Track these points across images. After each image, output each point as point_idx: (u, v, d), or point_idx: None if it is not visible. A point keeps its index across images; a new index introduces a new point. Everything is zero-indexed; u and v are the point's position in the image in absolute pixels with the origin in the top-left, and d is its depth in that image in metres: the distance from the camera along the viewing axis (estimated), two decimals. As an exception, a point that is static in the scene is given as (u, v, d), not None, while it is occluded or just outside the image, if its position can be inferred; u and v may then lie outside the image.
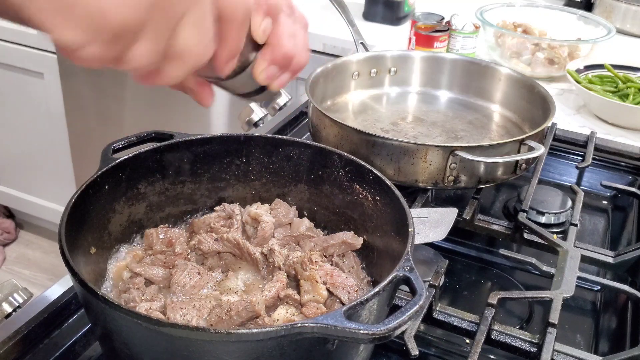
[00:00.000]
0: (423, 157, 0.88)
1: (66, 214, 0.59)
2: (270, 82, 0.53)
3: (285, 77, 0.54)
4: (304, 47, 0.54)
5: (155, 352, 0.53)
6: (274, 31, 0.50)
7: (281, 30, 0.51)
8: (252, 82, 0.53)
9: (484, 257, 0.94)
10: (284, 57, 0.52)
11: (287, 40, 0.51)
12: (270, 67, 0.51)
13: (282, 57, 0.51)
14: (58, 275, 0.83)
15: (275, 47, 0.51)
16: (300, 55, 0.53)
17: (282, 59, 0.52)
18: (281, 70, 0.53)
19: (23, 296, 0.71)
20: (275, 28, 0.50)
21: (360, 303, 0.51)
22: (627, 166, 1.15)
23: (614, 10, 1.80)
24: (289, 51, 0.52)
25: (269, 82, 0.53)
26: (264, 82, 0.52)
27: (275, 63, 0.52)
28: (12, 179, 2.50)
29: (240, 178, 0.78)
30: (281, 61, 0.52)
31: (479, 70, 1.19)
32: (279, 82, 0.54)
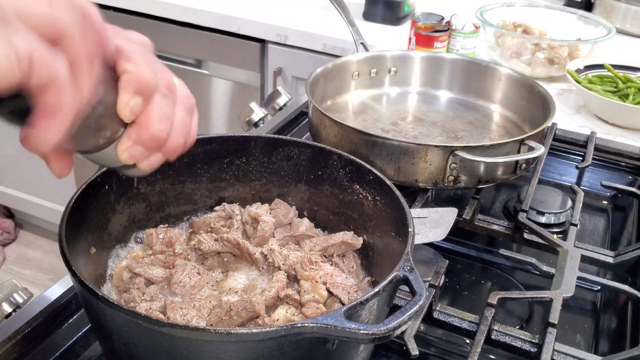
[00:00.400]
0: (423, 157, 0.88)
1: (66, 214, 0.59)
2: (136, 161, 0.50)
3: (157, 158, 0.51)
4: (181, 131, 0.51)
5: (155, 352, 0.53)
6: (145, 111, 0.48)
7: (152, 111, 0.48)
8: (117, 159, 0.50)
9: (484, 257, 0.94)
10: (151, 139, 0.49)
11: (157, 122, 0.48)
12: (134, 147, 0.48)
13: (149, 138, 0.48)
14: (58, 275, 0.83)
15: (143, 127, 0.48)
16: (175, 138, 0.50)
17: (149, 140, 0.49)
18: (149, 151, 0.50)
19: (23, 296, 0.71)
20: (146, 108, 0.48)
21: (360, 303, 0.51)
22: (627, 166, 1.15)
23: (614, 10, 1.80)
24: (158, 134, 0.48)
25: (133, 161, 0.50)
26: (127, 161, 0.49)
27: (141, 144, 0.49)
28: (12, 179, 2.50)
29: (240, 178, 0.78)
30: (148, 143, 0.49)
31: (479, 70, 1.19)
32: (148, 163, 0.51)
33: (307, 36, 1.70)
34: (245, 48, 1.82)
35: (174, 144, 0.51)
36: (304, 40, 1.71)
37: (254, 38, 1.78)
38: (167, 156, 0.52)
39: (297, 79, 1.79)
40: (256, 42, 1.79)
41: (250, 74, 1.85)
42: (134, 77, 0.46)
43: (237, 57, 1.85)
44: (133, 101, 0.46)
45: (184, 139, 0.52)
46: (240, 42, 1.82)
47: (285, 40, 1.73)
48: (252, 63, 1.83)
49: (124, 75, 0.46)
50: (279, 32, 1.73)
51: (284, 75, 1.80)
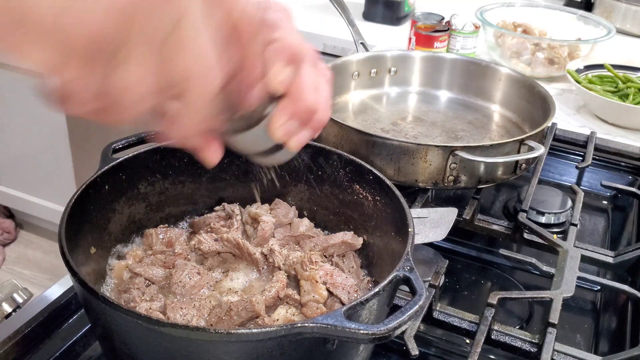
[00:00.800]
0: (423, 157, 0.88)
1: (66, 214, 0.59)
2: (288, 139, 0.46)
3: (305, 135, 0.47)
4: (327, 103, 0.47)
5: (155, 352, 0.53)
6: (296, 82, 0.44)
7: (304, 81, 0.45)
8: (267, 139, 0.46)
9: (484, 257, 0.94)
10: (305, 112, 0.45)
11: (310, 92, 0.45)
12: (289, 122, 0.45)
13: (304, 111, 0.45)
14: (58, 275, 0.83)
15: (297, 99, 0.45)
16: (322, 111, 0.47)
17: (303, 113, 0.45)
18: (301, 126, 0.46)
19: (23, 296, 0.71)
20: (297, 78, 0.45)
21: (360, 303, 0.51)
22: (627, 166, 1.15)
23: (614, 10, 1.80)
24: (311, 105, 0.45)
25: (286, 139, 0.46)
26: (280, 138, 0.46)
27: (296, 117, 0.45)
28: (12, 179, 2.50)
29: (240, 178, 0.78)
30: (302, 116, 0.45)
31: (479, 70, 1.19)
32: (297, 140, 0.47)
33: (307, 36, 1.70)
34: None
35: (322, 117, 0.47)
36: (304, 40, 1.71)
37: (254, 38, 1.78)
38: (314, 132, 0.48)
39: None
40: (256, 42, 1.79)
41: (250, 74, 1.84)
42: (284, 45, 0.43)
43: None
44: (286, 72, 0.44)
45: (329, 112, 0.48)
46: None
47: (285, 40, 1.73)
48: (252, 63, 1.82)
49: (273, 44, 0.43)
50: (279, 32, 1.73)
51: (284, 75, 1.79)
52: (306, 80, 0.45)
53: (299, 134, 0.47)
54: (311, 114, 0.46)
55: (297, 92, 0.45)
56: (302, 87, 0.45)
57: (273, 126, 0.45)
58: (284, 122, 0.45)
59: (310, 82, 0.45)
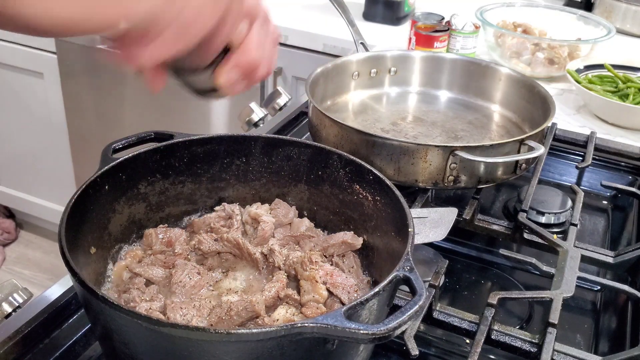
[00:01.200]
0: (423, 157, 0.88)
1: (66, 214, 0.59)
2: (228, 85, 0.52)
3: (242, 85, 0.53)
4: (268, 61, 0.53)
5: (155, 352, 0.53)
6: (246, 38, 0.49)
7: (253, 38, 0.50)
8: (208, 81, 0.51)
9: (484, 257, 0.94)
10: (248, 65, 0.51)
11: (255, 49, 0.50)
12: (232, 72, 0.50)
13: (247, 65, 0.50)
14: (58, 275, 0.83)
15: (244, 53, 0.50)
16: (263, 67, 0.52)
17: (246, 66, 0.51)
18: (242, 77, 0.52)
19: (23, 296, 0.71)
20: (247, 35, 0.49)
21: (360, 303, 0.51)
22: (627, 166, 1.15)
23: (614, 10, 1.80)
24: (255, 61, 0.50)
25: (226, 85, 0.52)
26: (223, 84, 0.51)
27: (239, 69, 0.51)
28: (12, 179, 2.50)
29: (240, 178, 0.78)
30: (245, 69, 0.51)
31: (479, 70, 1.19)
32: (234, 88, 0.52)
33: (307, 36, 1.70)
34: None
35: (262, 72, 0.52)
36: (304, 40, 1.71)
37: (254, 38, 1.78)
38: (250, 83, 0.53)
39: (297, 79, 1.79)
40: (256, 42, 1.79)
41: (250, 74, 1.84)
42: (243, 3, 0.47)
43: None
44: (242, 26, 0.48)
45: (267, 69, 0.53)
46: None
47: (285, 40, 1.73)
48: (252, 63, 1.82)
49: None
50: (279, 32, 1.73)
51: (284, 75, 1.80)
52: (254, 37, 0.50)
53: (237, 83, 0.52)
54: (252, 68, 0.51)
55: (245, 47, 0.50)
56: (249, 43, 0.50)
57: (219, 73, 0.50)
58: (228, 70, 0.50)
59: (258, 39, 0.50)
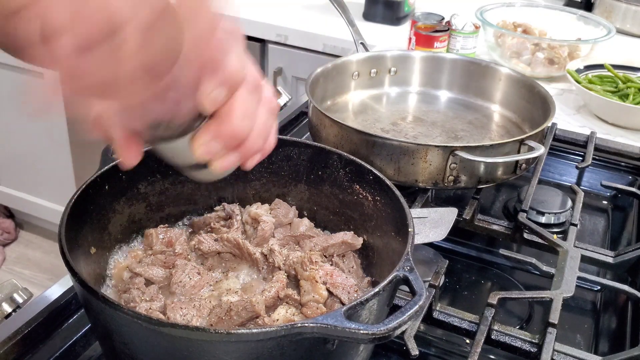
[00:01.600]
0: (423, 157, 0.88)
1: (66, 214, 0.59)
2: (210, 159, 0.46)
3: (232, 159, 0.47)
4: (262, 133, 0.47)
5: (155, 352, 0.53)
6: (228, 104, 0.44)
7: (235, 106, 0.44)
8: (190, 154, 0.46)
9: (484, 257, 0.94)
10: (231, 136, 0.45)
11: (240, 118, 0.44)
12: (212, 142, 0.44)
13: (229, 135, 0.45)
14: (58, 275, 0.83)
15: (224, 122, 0.44)
16: (254, 139, 0.46)
17: (228, 137, 0.45)
18: (227, 150, 0.46)
19: (23, 296, 0.71)
20: (229, 101, 0.44)
21: (360, 303, 0.51)
22: (627, 166, 1.15)
23: (614, 10, 1.80)
24: (239, 131, 0.45)
25: (208, 158, 0.46)
26: (201, 156, 0.45)
27: (220, 139, 0.45)
28: (12, 179, 2.50)
29: (240, 178, 0.78)
30: (227, 139, 0.45)
31: (479, 70, 1.19)
32: (223, 162, 0.46)
33: (307, 36, 1.70)
34: (245, 48, 1.82)
35: (253, 146, 0.47)
36: (304, 40, 1.71)
37: (254, 38, 1.78)
38: (243, 159, 0.48)
39: (297, 79, 1.79)
40: (256, 42, 1.79)
41: (250, 74, 1.84)
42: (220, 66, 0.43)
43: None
44: (216, 92, 0.43)
45: (262, 143, 0.48)
46: (276, 100, 1.81)
47: (285, 40, 1.73)
48: (252, 63, 1.82)
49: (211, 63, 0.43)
50: (279, 32, 1.73)
51: (284, 75, 1.80)
52: (238, 105, 0.44)
53: (225, 157, 0.46)
54: (237, 140, 0.45)
55: (225, 115, 0.44)
56: (231, 111, 0.44)
57: (195, 142, 0.45)
58: (206, 141, 0.44)
59: (243, 107, 0.45)
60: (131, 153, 0.46)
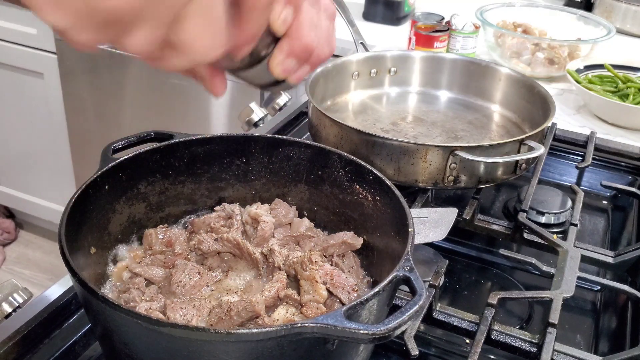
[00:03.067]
0: (423, 157, 0.88)
1: (66, 214, 0.59)
2: (287, 75, 0.49)
3: (305, 70, 0.50)
4: (327, 39, 0.50)
5: (155, 352, 0.53)
6: (295, 22, 0.46)
7: (302, 21, 0.47)
8: (268, 74, 0.49)
9: (484, 257, 0.94)
10: (303, 50, 0.48)
11: (307, 32, 0.47)
12: (287, 60, 0.48)
13: (302, 49, 0.48)
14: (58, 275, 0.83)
15: (295, 39, 0.47)
16: (321, 47, 0.50)
17: (301, 51, 0.48)
18: (300, 63, 0.49)
19: (23, 296, 0.71)
20: (296, 18, 0.46)
21: (360, 303, 0.51)
22: (627, 166, 1.15)
23: (614, 10, 1.80)
24: (309, 44, 0.48)
25: (286, 75, 0.49)
26: (280, 75, 0.49)
27: (294, 56, 0.48)
28: (12, 179, 2.50)
29: (240, 178, 0.78)
30: (300, 54, 0.48)
31: (479, 70, 1.19)
32: (297, 75, 0.50)
33: (307, 36, 1.70)
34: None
35: (322, 53, 0.50)
36: (304, 40, 1.71)
37: (254, 38, 1.78)
38: (313, 67, 0.51)
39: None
40: (256, 42, 1.79)
41: (250, 74, 1.84)
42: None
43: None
44: (285, 12, 0.45)
45: (328, 49, 0.51)
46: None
47: (285, 40, 1.73)
48: (252, 63, 1.82)
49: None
50: (279, 32, 1.73)
51: (284, 75, 1.79)
52: (305, 19, 0.47)
53: (298, 70, 0.50)
54: (309, 52, 0.48)
55: (295, 32, 0.47)
56: (299, 27, 0.47)
57: (272, 64, 0.48)
58: (282, 60, 0.48)
59: (309, 21, 0.48)
60: (218, 84, 0.48)
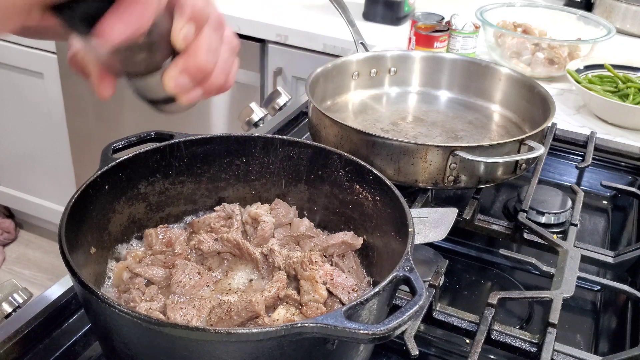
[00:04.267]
0: (423, 157, 0.88)
1: (66, 214, 0.59)
2: (179, 92, 0.49)
3: (197, 93, 0.50)
4: (225, 70, 0.51)
5: (155, 352, 0.53)
6: (195, 41, 0.48)
7: (201, 42, 0.48)
8: (160, 89, 0.49)
9: (484, 257, 0.94)
10: (198, 70, 0.48)
11: (205, 53, 0.48)
12: (181, 77, 0.48)
13: (196, 69, 0.48)
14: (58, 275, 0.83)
15: (191, 56, 0.48)
16: (217, 75, 0.50)
17: (196, 71, 0.48)
18: (193, 83, 0.49)
19: (23, 296, 0.71)
20: (196, 37, 0.48)
21: (360, 303, 0.51)
22: (627, 166, 1.15)
23: (614, 10, 1.80)
24: (205, 66, 0.48)
25: (177, 92, 0.49)
26: (171, 90, 0.49)
27: (188, 74, 0.48)
28: (12, 179, 2.50)
29: (240, 178, 0.78)
30: (194, 73, 0.48)
31: (479, 70, 1.19)
32: (189, 96, 0.50)
33: (307, 36, 1.70)
34: (245, 48, 1.82)
35: (216, 80, 0.51)
36: (304, 40, 1.71)
37: (254, 38, 1.78)
38: (206, 93, 0.51)
39: (297, 79, 1.79)
40: (256, 42, 1.79)
41: (250, 74, 1.85)
42: (188, 3, 0.46)
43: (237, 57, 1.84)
44: (187, 28, 0.46)
45: (225, 78, 0.52)
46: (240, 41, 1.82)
47: (285, 40, 1.73)
48: (252, 63, 1.83)
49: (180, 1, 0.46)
50: (279, 32, 1.73)
51: (284, 75, 1.80)
52: (203, 41, 0.48)
53: (191, 91, 0.50)
54: (203, 74, 0.49)
55: (192, 50, 0.48)
56: (198, 47, 0.48)
57: (165, 77, 0.48)
58: (176, 74, 0.48)
59: (208, 43, 0.48)
60: (106, 85, 0.48)
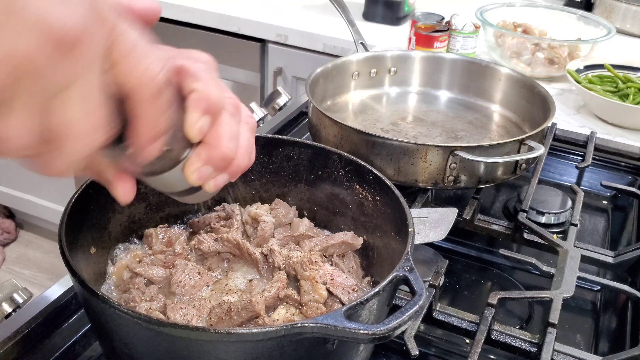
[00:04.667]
0: (423, 157, 0.88)
1: (66, 214, 0.59)
2: (203, 182, 0.49)
3: (222, 179, 0.50)
4: (247, 150, 0.50)
5: (155, 352, 0.53)
6: (213, 130, 0.47)
7: (221, 130, 0.47)
8: (183, 181, 0.48)
9: (484, 257, 0.94)
10: (221, 159, 0.48)
11: (227, 142, 0.47)
12: (203, 168, 0.47)
13: (220, 159, 0.48)
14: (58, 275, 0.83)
15: (213, 147, 0.47)
16: (241, 158, 0.50)
17: (218, 160, 0.48)
18: (217, 171, 0.49)
19: (23, 296, 0.71)
20: (215, 127, 0.47)
21: (360, 303, 0.51)
22: (627, 166, 1.15)
23: (614, 10, 1.80)
24: (228, 153, 0.48)
25: (202, 182, 0.48)
26: (195, 182, 0.48)
27: (211, 164, 0.48)
28: (12, 179, 2.50)
29: (240, 178, 0.77)
30: (217, 162, 0.48)
31: (479, 70, 1.19)
32: (215, 183, 0.49)
33: (307, 36, 1.70)
34: (245, 48, 1.82)
35: (241, 163, 0.50)
36: (304, 40, 1.71)
37: (254, 38, 1.78)
38: (232, 176, 0.51)
39: (297, 79, 1.79)
40: (256, 42, 1.79)
41: (250, 74, 1.85)
42: (202, 96, 0.45)
43: (237, 57, 1.85)
44: (202, 121, 0.45)
45: (248, 159, 0.51)
46: (240, 42, 1.82)
47: (285, 40, 1.73)
48: (252, 63, 1.83)
49: (192, 94, 0.45)
50: (279, 32, 1.73)
51: (284, 75, 1.80)
52: (223, 129, 0.47)
53: (215, 178, 0.49)
54: (227, 161, 0.48)
55: (213, 140, 0.47)
56: (218, 136, 0.47)
57: (187, 170, 0.47)
58: (198, 167, 0.47)
59: (227, 131, 0.47)
60: (127, 190, 0.49)
